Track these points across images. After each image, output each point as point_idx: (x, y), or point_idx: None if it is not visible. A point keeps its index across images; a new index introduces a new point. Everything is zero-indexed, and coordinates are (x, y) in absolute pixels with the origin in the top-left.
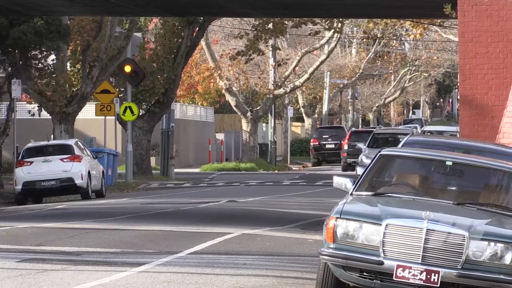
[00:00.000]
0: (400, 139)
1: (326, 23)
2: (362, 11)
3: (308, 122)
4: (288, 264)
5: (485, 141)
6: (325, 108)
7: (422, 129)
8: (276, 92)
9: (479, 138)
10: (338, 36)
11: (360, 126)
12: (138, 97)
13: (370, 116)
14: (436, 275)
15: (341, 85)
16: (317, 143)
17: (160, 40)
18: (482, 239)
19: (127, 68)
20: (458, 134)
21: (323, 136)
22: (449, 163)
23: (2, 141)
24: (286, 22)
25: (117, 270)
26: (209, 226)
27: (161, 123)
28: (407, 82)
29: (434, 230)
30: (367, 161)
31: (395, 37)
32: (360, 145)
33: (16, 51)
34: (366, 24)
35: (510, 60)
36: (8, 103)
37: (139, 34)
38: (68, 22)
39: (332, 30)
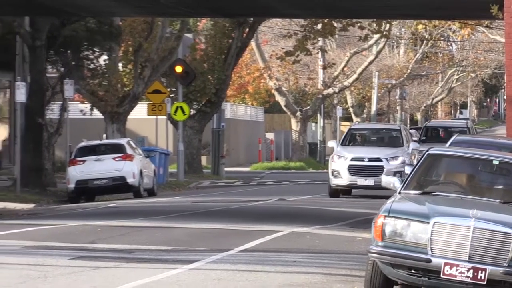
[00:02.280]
0: (382, 134)
1: (374, 26)
2: (409, 12)
3: (356, 121)
4: (337, 261)
5: None
6: (373, 108)
7: (424, 124)
8: (325, 92)
9: None
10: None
11: (408, 125)
12: (189, 97)
13: (418, 116)
14: (483, 272)
15: (389, 85)
16: None
17: (211, 41)
18: None
19: (178, 69)
20: (468, 130)
21: None
22: (495, 162)
23: (55, 141)
24: (335, 24)
25: (168, 268)
26: (259, 224)
27: (212, 123)
28: (454, 82)
29: (481, 228)
30: (339, 160)
31: (442, 38)
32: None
33: (69, 51)
34: (414, 26)
35: None
36: (61, 103)
37: (190, 35)
38: (120, 23)
39: (379, 35)
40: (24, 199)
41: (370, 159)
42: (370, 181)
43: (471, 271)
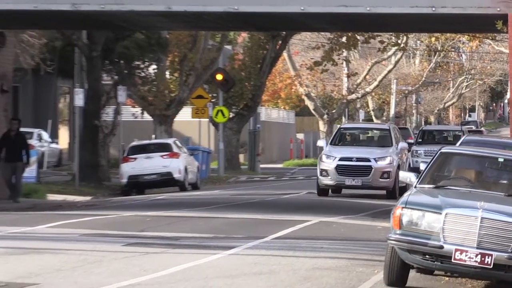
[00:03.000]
0: (371, 133)
1: (393, 39)
2: (424, 26)
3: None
4: (360, 248)
5: None
6: (392, 111)
7: (420, 128)
8: (349, 97)
9: None
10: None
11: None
12: (228, 102)
13: (432, 118)
14: (490, 257)
15: (406, 91)
16: None
17: (247, 52)
18: None
19: (219, 76)
20: (463, 133)
21: None
22: (501, 159)
23: (110, 140)
24: (358, 37)
25: (210, 253)
26: (291, 214)
27: (249, 125)
28: (464, 88)
29: (487, 218)
30: (327, 160)
31: (453, 49)
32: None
33: (122, 61)
34: (429, 39)
35: None
36: (115, 107)
37: (229, 47)
38: (167, 36)
39: (397, 47)
40: (82, 192)
41: (358, 159)
42: (358, 181)
43: (479, 256)
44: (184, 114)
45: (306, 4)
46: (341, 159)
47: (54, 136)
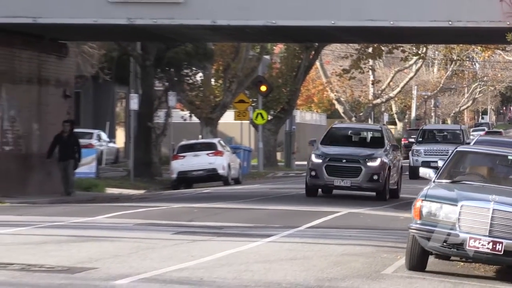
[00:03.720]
0: (363, 134)
1: (413, 50)
2: (441, 38)
3: (399, 125)
4: (384, 236)
5: None
6: (413, 114)
7: (421, 128)
8: (375, 101)
9: None
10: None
11: None
12: (267, 106)
13: (448, 120)
14: (500, 245)
15: (426, 96)
16: (407, 142)
17: (284, 61)
18: None
19: (263, 88)
20: (462, 132)
21: (412, 136)
22: (510, 157)
23: (161, 140)
24: (382, 48)
25: (251, 241)
26: (323, 206)
27: (285, 126)
28: (477, 94)
29: (499, 210)
30: (317, 159)
31: (467, 59)
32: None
33: (172, 70)
34: (445, 49)
35: None
36: (166, 110)
37: (267, 57)
38: (212, 47)
39: (417, 57)
40: (136, 186)
41: (348, 160)
42: (347, 182)
43: (491, 243)
44: (228, 117)
45: (336, 18)
46: (331, 159)
47: (111, 136)
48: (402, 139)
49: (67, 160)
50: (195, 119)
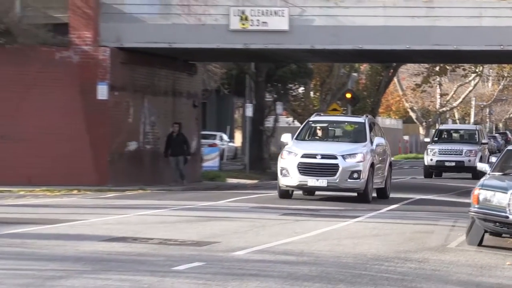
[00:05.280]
0: (344, 127)
1: (472, 68)
2: (495, 59)
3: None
4: (448, 217)
5: None
6: (471, 120)
7: (437, 128)
8: (441, 110)
9: None
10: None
11: (493, 132)
12: (354, 113)
13: (500, 125)
14: None
15: (482, 106)
16: None
17: (368, 77)
18: None
19: (348, 95)
20: (477, 132)
21: None
22: None
23: (270, 141)
24: (447, 67)
25: (341, 221)
26: (399, 194)
27: None
28: None
29: None
30: (288, 157)
31: None
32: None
33: (279, 84)
34: (498, 68)
35: None
36: (274, 117)
37: (355, 74)
38: (311, 66)
39: (475, 74)
40: (251, 177)
41: (324, 156)
42: (322, 182)
43: None
44: None
45: (410, 43)
46: (304, 155)
47: (231, 137)
48: None
49: (178, 156)
50: (297, 123)
